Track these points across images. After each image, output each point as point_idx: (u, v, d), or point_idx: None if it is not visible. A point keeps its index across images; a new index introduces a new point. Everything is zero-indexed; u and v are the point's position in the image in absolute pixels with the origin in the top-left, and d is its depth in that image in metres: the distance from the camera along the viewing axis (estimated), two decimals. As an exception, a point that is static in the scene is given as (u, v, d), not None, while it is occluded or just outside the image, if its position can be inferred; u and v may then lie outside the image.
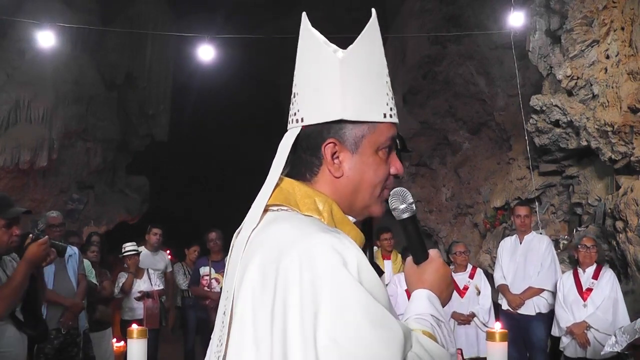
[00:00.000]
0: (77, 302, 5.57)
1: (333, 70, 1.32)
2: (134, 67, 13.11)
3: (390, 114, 1.32)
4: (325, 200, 1.30)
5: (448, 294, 1.37)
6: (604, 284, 5.44)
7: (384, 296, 1.14)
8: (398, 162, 1.36)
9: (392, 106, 1.34)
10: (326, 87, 1.31)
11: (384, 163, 1.33)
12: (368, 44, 1.34)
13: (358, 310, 1.06)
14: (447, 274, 1.37)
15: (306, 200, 1.29)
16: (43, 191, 10.94)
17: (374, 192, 1.33)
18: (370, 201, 1.34)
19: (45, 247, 3.40)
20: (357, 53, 1.33)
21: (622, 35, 6.67)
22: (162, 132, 13.97)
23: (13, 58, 10.42)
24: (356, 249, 1.14)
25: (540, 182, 8.50)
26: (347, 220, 1.32)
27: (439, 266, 1.37)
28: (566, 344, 5.49)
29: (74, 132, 11.20)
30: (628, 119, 6.37)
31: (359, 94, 1.30)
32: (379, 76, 1.33)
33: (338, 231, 1.20)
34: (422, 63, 11.25)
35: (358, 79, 1.31)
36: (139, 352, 3.02)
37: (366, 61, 1.33)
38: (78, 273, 5.70)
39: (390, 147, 1.34)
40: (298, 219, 1.24)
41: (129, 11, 12.74)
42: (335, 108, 1.29)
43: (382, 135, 1.31)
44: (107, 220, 12.24)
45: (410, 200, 1.37)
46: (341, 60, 1.32)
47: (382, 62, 1.35)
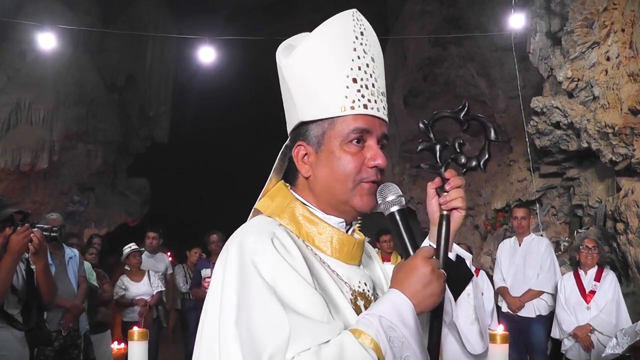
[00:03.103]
0: (77, 304, 5.57)
1: (282, 78, 1.41)
2: (135, 69, 13.12)
3: (351, 106, 1.33)
4: (288, 204, 1.38)
5: (426, 295, 1.23)
6: (607, 286, 5.43)
7: (292, 293, 1.18)
8: (374, 152, 1.34)
9: (357, 98, 1.34)
10: (284, 95, 1.42)
11: (353, 155, 1.33)
12: (317, 43, 1.37)
13: (240, 299, 1.19)
14: (425, 274, 1.23)
15: (279, 204, 1.39)
16: (44, 193, 10.94)
17: (346, 185, 1.33)
18: (347, 195, 1.35)
19: (26, 234, 3.32)
20: (300, 56, 1.37)
21: (623, 37, 6.67)
22: (163, 134, 13.97)
23: (14, 60, 10.42)
24: (264, 252, 1.22)
25: (541, 183, 8.49)
26: (316, 220, 1.36)
27: (416, 265, 1.25)
28: (568, 346, 5.47)
29: (75, 134, 11.21)
30: (629, 121, 6.37)
31: (309, 94, 1.36)
32: (338, 70, 1.35)
33: (268, 233, 1.27)
34: (423, 65, 11.26)
35: (306, 80, 1.36)
36: (140, 354, 3.02)
37: (315, 60, 1.36)
38: (78, 275, 5.70)
39: (360, 139, 1.34)
40: (255, 221, 1.37)
41: (129, 13, 12.76)
42: (294, 113, 1.39)
43: (345, 128, 1.33)
44: (108, 222, 12.24)
45: (398, 193, 1.35)
46: (284, 67, 1.40)
47: (343, 55, 1.36)
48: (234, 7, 13.79)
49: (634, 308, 5.85)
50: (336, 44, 1.36)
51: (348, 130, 1.33)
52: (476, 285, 1.47)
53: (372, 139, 1.35)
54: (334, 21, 1.39)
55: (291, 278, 1.21)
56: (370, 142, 1.35)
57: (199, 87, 13.45)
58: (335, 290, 1.31)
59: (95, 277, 6.37)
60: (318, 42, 1.37)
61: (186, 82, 13.61)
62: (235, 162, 15.99)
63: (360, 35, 1.39)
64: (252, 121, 15.50)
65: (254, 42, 11.23)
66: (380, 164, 1.34)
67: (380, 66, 1.43)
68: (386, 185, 1.35)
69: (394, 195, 1.33)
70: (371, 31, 1.44)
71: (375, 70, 1.39)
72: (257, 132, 14.94)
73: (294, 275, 1.21)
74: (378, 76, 1.40)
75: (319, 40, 1.37)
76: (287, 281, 1.20)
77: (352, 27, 1.39)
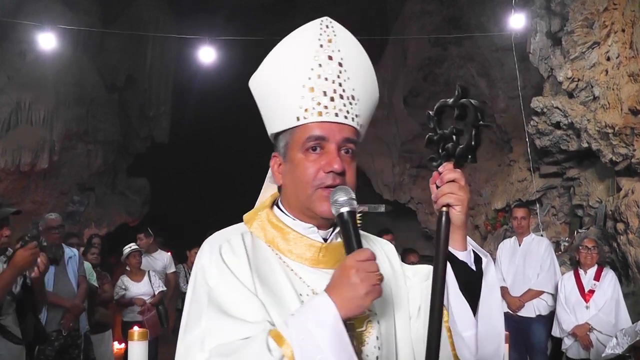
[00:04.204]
0: (77, 303, 5.57)
1: (253, 96, 1.50)
2: (135, 69, 13.12)
3: (304, 115, 1.37)
4: (260, 211, 1.49)
5: (350, 297, 1.22)
6: (606, 285, 5.44)
7: (228, 297, 1.30)
8: (330, 157, 1.36)
9: (312, 106, 1.37)
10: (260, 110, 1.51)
11: (311, 162, 1.37)
12: (275, 57, 1.44)
13: (190, 295, 1.37)
14: (350, 276, 1.22)
15: (255, 211, 1.51)
16: (44, 193, 10.93)
17: (306, 191, 1.37)
18: (308, 201, 1.38)
19: (33, 252, 3.34)
20: (260, 72, 1.46)
21: (623, 37, 6.67)
22: (163, 134, 13.97)
23: (14, 60, 10.42)
24: (209, 254, 1.37)
25: (541, 184, 8.49)
26: (281, 225, 1.44)
27: (344, 267, 1.25)
28: (569, 345, 5.49)
29: (75, 134, 11.20)
30: (629, 121, 6.37)
31: (271, 108, 1.45)
32: (294, 80, 1.39)
33: (221, 241, 1.40)
34: (423, 65, 11.27)
35: (265, 94, 1.46)
36: (140, 355, 3.01)
37: (272, 74, 1.43)
38: (78, 275, 5.70)
39: (317, 146, 1.37)
40: (227, 228, 1.48)
41: (129, 13, 12.76)
42: (266, 127, 1.49)
43: (301, 137, 1.38)
44: (108, 222, 12.24)
45: (351, 196, 1.34)
46: (250, 86, 1.48)
47: (301, 65, 1.39)
48: (234, 7, 13.80)
49: (634, 308, 5.85)
50: (294, 55, 1.41)
51: (303, 139, 1.37)
52: (491, 286, 1.42)
53: (330, 144, 1.37)
54: (296, 33, 1.44)
55: (229, 284, 1.32)
56: (328, 148, 1.37)
57: (199, 87, 13.45)
58: (290, 293, 1.35)
59: (95, 277, 6.37)
60: (276, 56, 1.43)
61: (186, 82, 13.61)
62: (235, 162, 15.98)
63: (327, 43, 1.41)
64: (252, 121, 15.48)
65: (254, 42, 11.21)
66: (336, 168, 1.34)
67: (354, 69, 1.43)
68: (341, 188, 1.34)
69: (345, 197, 1.33)
70: (344, 37, 1.45)
71: (342, 74, 1.40)
72: (256, 131, 14.92)
73: (232, 281, 1.32)
74: (346, 80, 1.40)
75: (277, 55, 1.43)
76: (226, 286, 1.31)
77: (318, 35, 1.42)
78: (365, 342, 1.40)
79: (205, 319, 1.29)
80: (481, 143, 1.33)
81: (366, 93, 1.46)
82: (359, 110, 1.42)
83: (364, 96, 1.44)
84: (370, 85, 1.49)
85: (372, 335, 1.42)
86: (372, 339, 1.41)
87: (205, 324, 1.29)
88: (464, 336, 1.39)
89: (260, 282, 1.35)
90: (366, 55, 1.49)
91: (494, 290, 1.44)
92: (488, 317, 1.41)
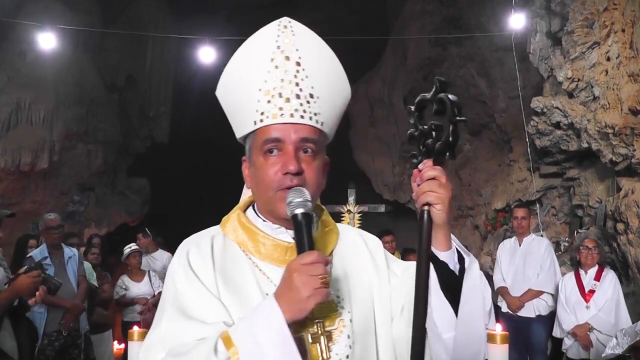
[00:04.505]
0: (77, 303, 5.57)
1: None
2: (135, 69, 13.11)
3: (260, 118, 1.39)
4: (232, 213, 1.53)
5: (292, 300, 1.23)
6: (607, 285, 5.44)
7: (192, 300, 1.36)
8: (286, 159, 1.37)
9: (267, 109, 1.38)
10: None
11: (270, 164, 1.39)
12: (232, 64, 1.47)
13: (161, 297, 1.45)
14: (291, 278, 1.23)
15: (230, 214, 1.55)
16: (44, 193, 10.93)
17: (268, 193, 1.40)
18: (270, 203, 1.41)
19: (35, 281, 3.38)
20: (222, 80, 1.49)
21: (623, 37, 6.67)
22: (163, 133, 13.95)
23: (14, 60, 10.41)
24: (178, 258, 1.43)
25: (541, 184, 8.49)
26: (250, 226, 1.47)
27: (288, 269, 1.26)
28: (569, 345, 5.49)
29: (75, 134, 11.19)
30: (629, 121, 6.37)
31: (232, 114, 1.49)
32: (250, 86, 1.41)
33: (189, 246, 1.45)
34: (423, 65, 11.26)
35: (227, 101, 1.49)
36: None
37: (232, 81, 1.47)
38: (78, 274, 5.70)
39: (274, 148, 1.38)
40: (202, 231, 1.54)
41: (129, 13, 12.74)
42: (235, 132, 1.52)
43: (259, 140, 1.40)
44: (108, 222, 12.23)
45: (306, 198, 1.34)
46: (217, 95, 1.51)
47: (256, 69, 1.41)
48: (234, 7, 13.79)
49: (634, 308, 5.85)
50: (251, 59, 1.43)
51: (261, 142, 1.39)
52: (473, 288, 1.38)
53: (287, 146, 1.38)
54: (254, 37, 1.46)
55: (193, 287, 1.37)
56: (285, 150, 1.38)
57: (199, 87, 13.41)
58: (256, 293, 1.37)
59: (95, 277, 6.37)
60: (235, 63, 1.46)
61: (186, 82, 13.59)
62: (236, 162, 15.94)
63: (285, 43, 1.41)
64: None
65: (254, 42, 11.21)
66: (292, 169, 1.35)
67: (313, 67, 1.42)
68: (296, 189, 1.35)
69: (300, 199, 1.33)
70: (303, 35, 1.45)
71: (299, 74, 1.40)
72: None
73: (196, 285, 1.37)
74: (304, 79, 1.40)
75: (236, 61, 1.46)
76: (189, 290, 1.37)
77: (276, 36, 1.42)
78: (335, 341, 1.40)
79: (166, 320, 1.36)
80: (459, 139, 1.28)
81: (328, 89, 1.44)
82: (319, 108, 1.41)
83: (325, 93, 1.43)
84: (333, 81, 1.47)
85: (344, 334, 1.41)
86: (343, 338, 1.41)
87: (165, 325, 1.35)
88: (444, 338, 1.36)
89: (225, 284, 1.38)
90: (329, 52, 1.48)
91: (476, 292, 1.39)
92: (468, 319, 1.37)
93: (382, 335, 1.48)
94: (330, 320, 1.41)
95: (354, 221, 8.23)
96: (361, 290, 1.49)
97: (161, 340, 1.33)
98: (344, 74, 1.51)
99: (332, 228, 1.56)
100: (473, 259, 1.40)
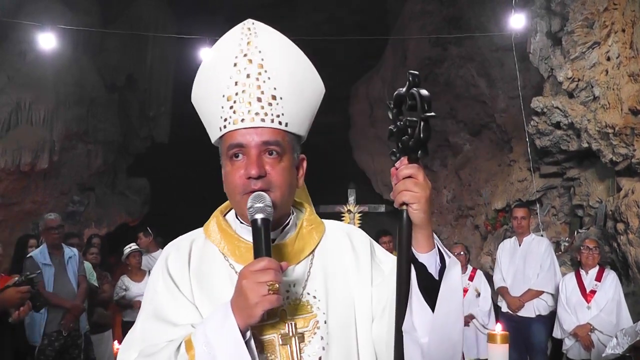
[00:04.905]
0: (77, 304, 5.57)
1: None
2: (135, 69, 13.10)
3: (224, 125, 1.41)
4: (214, 215, 1.56)
5: (242, 306, 1.24)
6: (608, 286, 5.44)
7: (168, 303, 1.41)
8: (248, 163, 1.38)
9: (229, 115, 1.39)
10: None
11: (236, 169, 1.40)
12: (200, 76, 1.49)
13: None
14: (240, 284, 1.25)
15: (211, 217, 1.58)
16: (44, 193, 10.92)
17: (236, 198, 1.42)
18: (238, 207, 1.43)
19: (22, 297, 3.37)
20: (193, 88, 1.51)
21: (623, 37, 6.66)
22: (163, 133, 13.95)
23: (14, 60, 10.41)
24: (159, 261, 1.49)
25: (541, 184, 8.49)
26: (228, 229, 1.50)
27: (239, 276, 1.27)
28: (569, 346, 5.48)
29: (75, 134, 11.19)
30: (629, 121, 6.37)
31: (204, 121, 1.50)
32: (214, 92, 1.42)
33: (170, 251, 1.50)
34: (423, 65, 11.25)
35: (199, 109, 1.51)
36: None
37: (199, 90, 1.49)
38: (78, 275, 5.70)
39: (238, 153, 1.40)
40: (190, 232, 1.58)
41: (129, 13, 12.74)
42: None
43: (224, 146, 1.43)
44: (108, 222, 12.23)
45: (267, 203, 1.35)
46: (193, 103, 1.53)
47: (221, 76, 1.42)
48: (234, 7, 13.78)
49: (634, 308, 5.85)
50: (215, 66, 1.45)
51: (226, 148, 1.42)
52: (452, 291, 1.32)
53: (250, 150, 1.39)
54: (219, 43, 1.47)
55: (169, 290, 1.42)
56: (248, 154, 1.39)
57: (199, 87, 13.43)
58: (230, 295, 1.35)
59: (95, 277, 6.37)
60: (202, 70, 1.48)
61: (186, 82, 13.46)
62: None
63: (247, 46, 1.41)
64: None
65: (254, 42, 11.20)
66: (253, 174, 1.36)
67: (276, 68, 1.41)
68: (258, 195, 1.36)
69: (260, 204, 1.34)
70: (266, 36, 1.44)
71: (261, 76, 1.39)
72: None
73: (171, 288, 1.42)
74: (266, 81, 1.40)
75: (203, 69, 1.48)
76: (165, 292, 1.42)
77: (239, 40, 1.42)
78: (308, 342, 1.40)
79: (141, 322, 1.42)
80: (430, 135, 1.23)
81: (294, 88, 1.43)
82: (283, 108, 1.40)
83: (290, 92, 1.42)
84: (300, 80, 1.45)
85: (317, 335, 1.41)
86: (316, 339, 1.41)
87: (140, 326, 1.41)
88: (421, 342, 1.32)
89: (200, 286, 1.42)
90: (295, 51, 1.47)
91: (455, 296, 1.33)
92: (443, 323, 1.31)
93: (363, 336, 1.47)
94: (304, 321, 1.41)
95: (354, 221, 8.22)
96: (341, 291, 1.48)
97: (136, 341, 1.39)
98: (312, 71, 1.49)
99: (315, 227, 1.55)
100: (454, 261, 1.35)
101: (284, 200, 1.42)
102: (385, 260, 1.58)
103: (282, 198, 1.40)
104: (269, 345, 1.38)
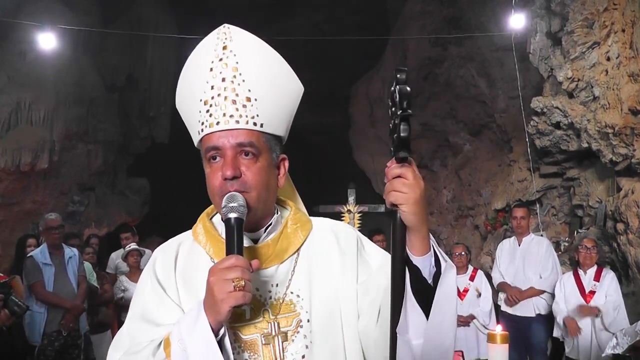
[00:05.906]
0: (77, 304, 5.57)
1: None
2: (135, 69, 13.11)
3: (201, 129, 1.44)
4: (201, 218, 1.59)
5: (211, 303, 1.26)
6: (607, 285, 5.44)
7: (155, 305, 1.45)
8: (223, 165, 1.40)
9: (206, 119, 1.42)
10: None
11: (214, 171, 1.42)
12: (180, 82, 1.53)
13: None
14: (208, 283, 1.26)
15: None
16: (44, 193, 10.93)
17: (216, 199, 1.43)
18: (219, 209, 1.43)
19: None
20: (177, 96, 1.55)
21: (623, 37, 6.66)
22: (163, 133, 13.95)
23: (14, 60, 10.41)
24: (148, 264, 1.55)
25: (541, 184, 8.49)
26: (212, 231, 1.52)
27: (208, 274, 1.28)
28: (570, 346, 5.47)
29: (75, 134, 11.20)
30: (629, 121, 6.37)
31: (188, 126, 1.52)
32: (194, 99, 1.45)
33: (157, 255, 1.55)
34: (423, 65, 11.26)
35: (182, 114, 1.54)
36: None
37: (180, 95, 1.53)
38: (78, 275, 5.70)
39: (216, 155, 1.42)
40: (180, 234, 1.61)
41: (130, 13, 12.75)
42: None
43: (202, 150, 1.46)
44: (108, 222, 12.23)
45: (241, 203, 1.36)
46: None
47: (198, 80, 1.45)
48: (234, 7, 13.79)
49: (634, 308, 5.85)
50: (193, 72, 1.48)
51: (204, 152, 1.45)
52: (447, 296, 1.29)
53: (225, 152, 1.41)
54: (196, 49, 1.50)
55: (155, 292, 1.47)
56: (224, 156, 1.41)
57: (199, 87, 13.43)
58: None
59: (95, 278, 6.37)
60: (182, 76, 1.52)
61: (187, 82, 13.60)
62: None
63: (223, 50, 1.43)
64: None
65: (254, 42, 11.20)
66: (228, 175, 1.38)
67: (250, 70, 1.43)
68: (232, 195, 1.38)
69: (234, 204, 1.35)
70: (240, 39, 1.46)
71: (236, 79, 1.41)
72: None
73: (158, 290, 1.47)
74: (240, 83, 1.41)
75: (183, 75, 1.52)
76: (152, 294, 1.47)
77: (214, 45, 1.45)
78: (291, 340, 1.41)
79: (128, 322, 1.47)
80: (410, 134, 1.18)
81: (270, 89, 1.44)
82: (258, 109, 1.42)
83: (265, 93, 1.43)
84: (276, 80, 1.46)
85: (300, 334, 1.42)
86: (299, 338, 1.41)
87: (127, 326, 1.47)
88: (413, 344, 1.30)
89: (186, 287, 1.46)
90: (270, 52, 1.48)
91: (449, 302, 1.30)
92: (437, 328, 1.29)
93: (349, 334, 1.47)
94: (287, 320, 1.42)
95: (354, 221, 8.22)
96: (325, 289, 1.48)
97: (122, 340, 1.44)
98: (289, 71, 1.51)
99: (301, 225, 1.55)
100: (450, 265, 1.31)
101: (261, 200, 1.42)
102: (375, 254, 1.57)
103: (259, 198, 1.41)
104: (252, 345, 1.40)
